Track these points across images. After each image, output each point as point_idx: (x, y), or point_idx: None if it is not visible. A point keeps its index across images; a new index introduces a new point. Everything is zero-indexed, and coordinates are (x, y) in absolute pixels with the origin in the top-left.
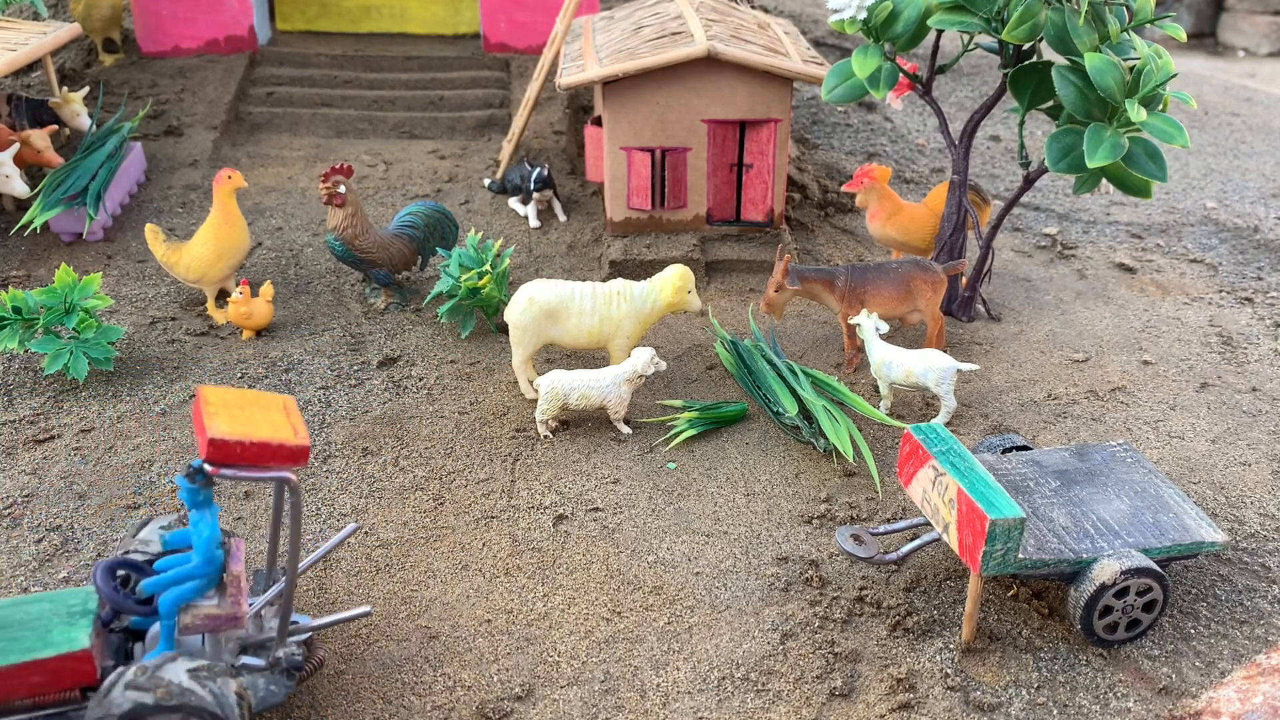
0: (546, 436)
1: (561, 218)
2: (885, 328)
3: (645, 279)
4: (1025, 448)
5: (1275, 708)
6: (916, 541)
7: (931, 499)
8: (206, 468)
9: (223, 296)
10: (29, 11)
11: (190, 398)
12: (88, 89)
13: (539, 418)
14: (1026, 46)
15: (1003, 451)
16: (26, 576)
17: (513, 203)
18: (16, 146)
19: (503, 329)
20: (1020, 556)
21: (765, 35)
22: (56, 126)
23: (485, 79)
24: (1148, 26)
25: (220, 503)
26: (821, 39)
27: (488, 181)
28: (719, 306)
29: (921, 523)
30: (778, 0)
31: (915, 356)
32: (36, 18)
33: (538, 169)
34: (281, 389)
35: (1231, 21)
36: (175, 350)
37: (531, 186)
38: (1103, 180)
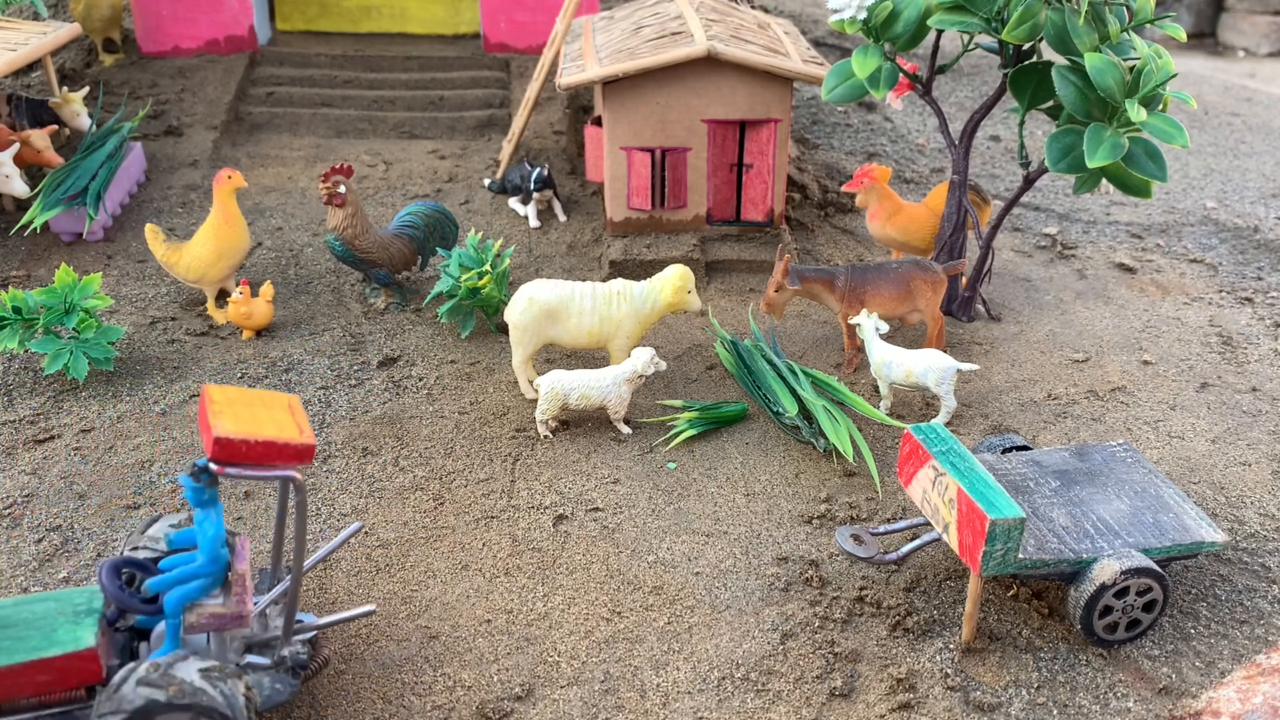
0: (546, 436)
1: (561, 218)
2: (885, 328)
3: (645, 279)
4: (1025, 448)
5: (1275, 708)
6: (916, 541)
7: (931, 499)
8: (212, 466)
9: (223, 296)
10: (29, 11)
11: (190, 397)
12: (88, 89)
13: (539, 418)
14: (1026, 46)
15: (1003, 451)
16: (26, 576)
17: (513, 203)
18: (16, 146)
19: (503, 329)
20: (1020, 556)
21: (765, 35)
22: (56, 126)
23: (485, 79)
24: (1148, 26)
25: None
26: (821, 39)
27: (488, 181)
28: (719, 306)
29: (921, 523)
30: (778, 0)
31: (915, 356)
32: (36, 18)
33: (538, 169)
34: (281, 389)
35: (1231, 21)
36: (175, 350)
37: (531, 186)
38: (1103, 180)
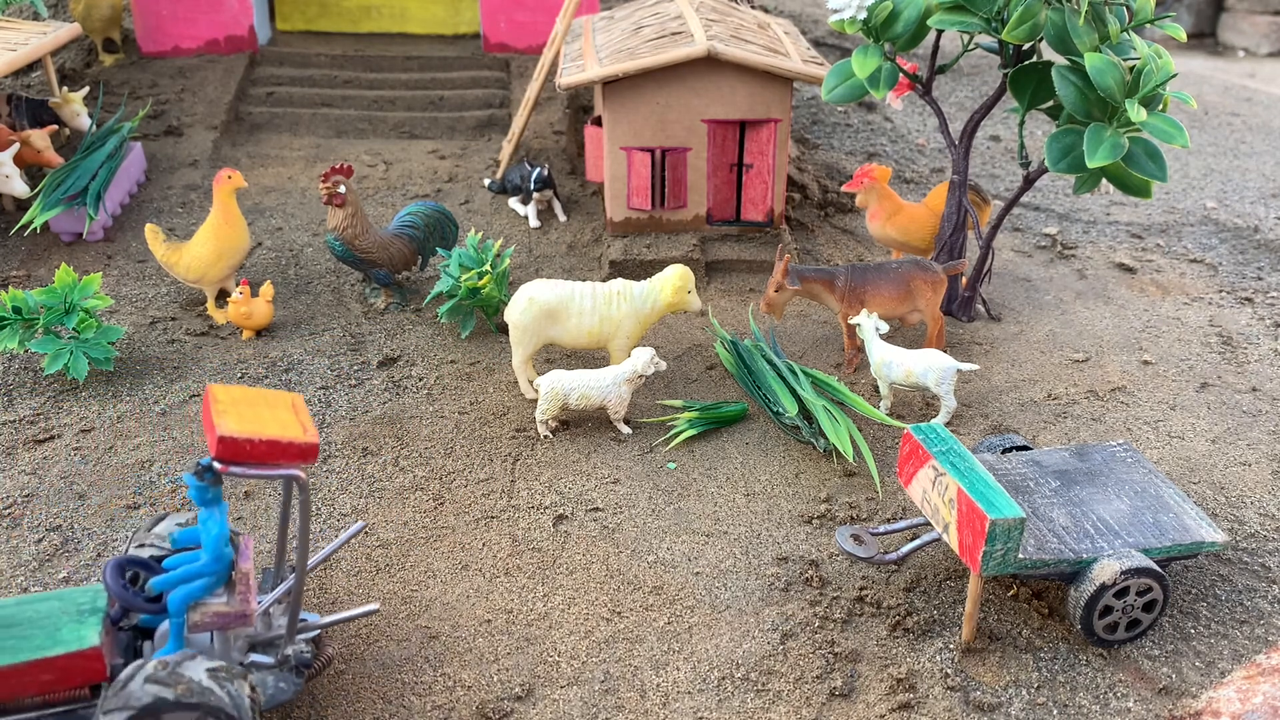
0: (546, 436)
1: (561, 218)
2: (885, 328)
3: (645, 279)
4: (1025, 448)
5: (1275, 708)
6: (916, 541)
7: (931, 499)
8: (216, 465)
9: (223, 296)
10: (29, 11)
11: (190, 397)
12: (88, 89)
13: (539, 418)
14: (1026, 46)
15: (1003, 451)
16: (26, 576)
17: (513, 203)
18: (16, 146)
19: (503, 329)
20: (1020, 556)
21: (765, 35)
22: (56, 126)
23: (485, 79)
24: (1148, 26)
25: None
26: (821, 39)
27: (488, 181)
28: (719, 306)
29: (921, 523)
30: (778, 0)
31: (915, 356)
32: (36, 18)
33: (538, 169)
34: (282, 389)
35: (1231, 21)
36: (175, 350)
37: (531, 186)
38: (1103, 180)
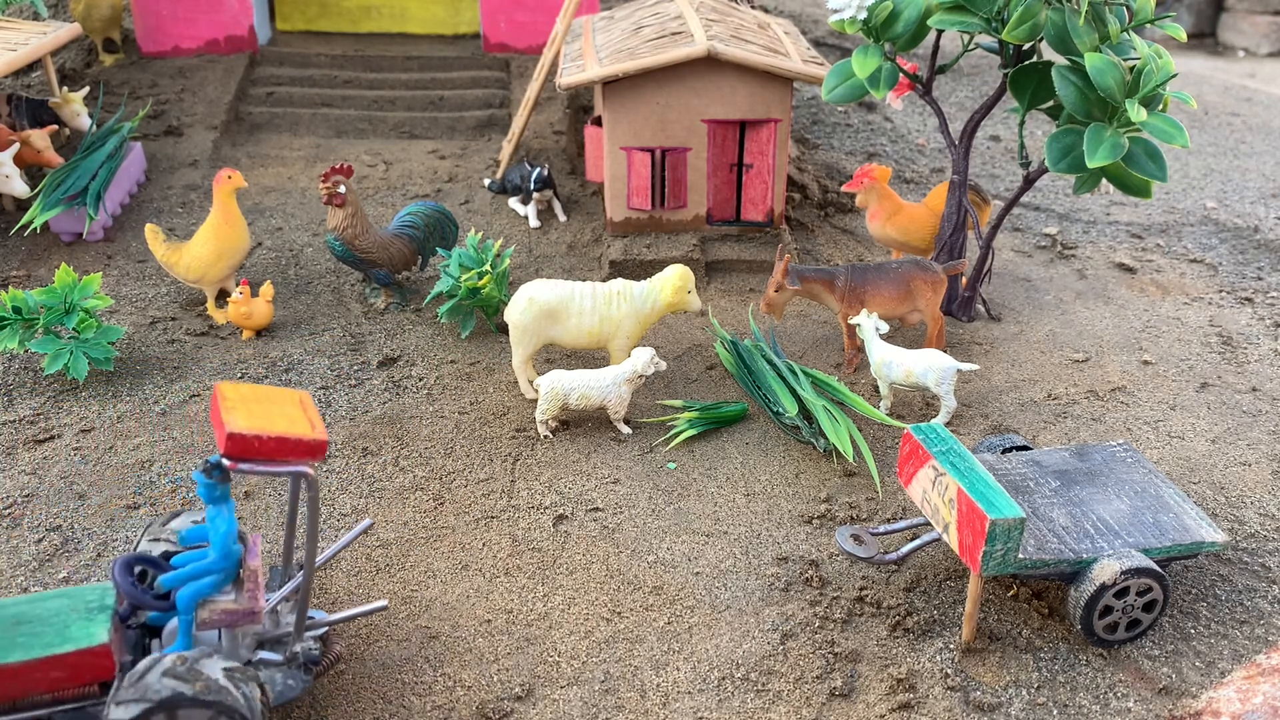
0: (546, 436)
1: (561, 218)
2: (885, 328)
3: (645, 279)
4: (1025, 448)
5: (1275, 708)
6: (916, 541)
7: (931, 499)
8: (224, 462)
9: (223, 296)
10: (29, 11)
11: (190, 397)
12: (88, 89)
13: (539, 418)
14: (1026, 46)
15: (1003, 451)
16: (26, 576)
17: (513, 203)
18: (16, 146)
19: (503, 329)
20: (1020, 556)
21: (765, 35)
22: (56, 126)
23: (485, 79)
24: (1148, 26)
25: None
26: (821, 39)
27: (488, 181)
28: (719, 306)
29: (921, 523)
30: (778, 0)
31: (915, 356)
32: (36, 18)
33: (538, 169)
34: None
35: (1231, 21)
36: (175, 350)
37: (531, 186)
38: (1103, 180)
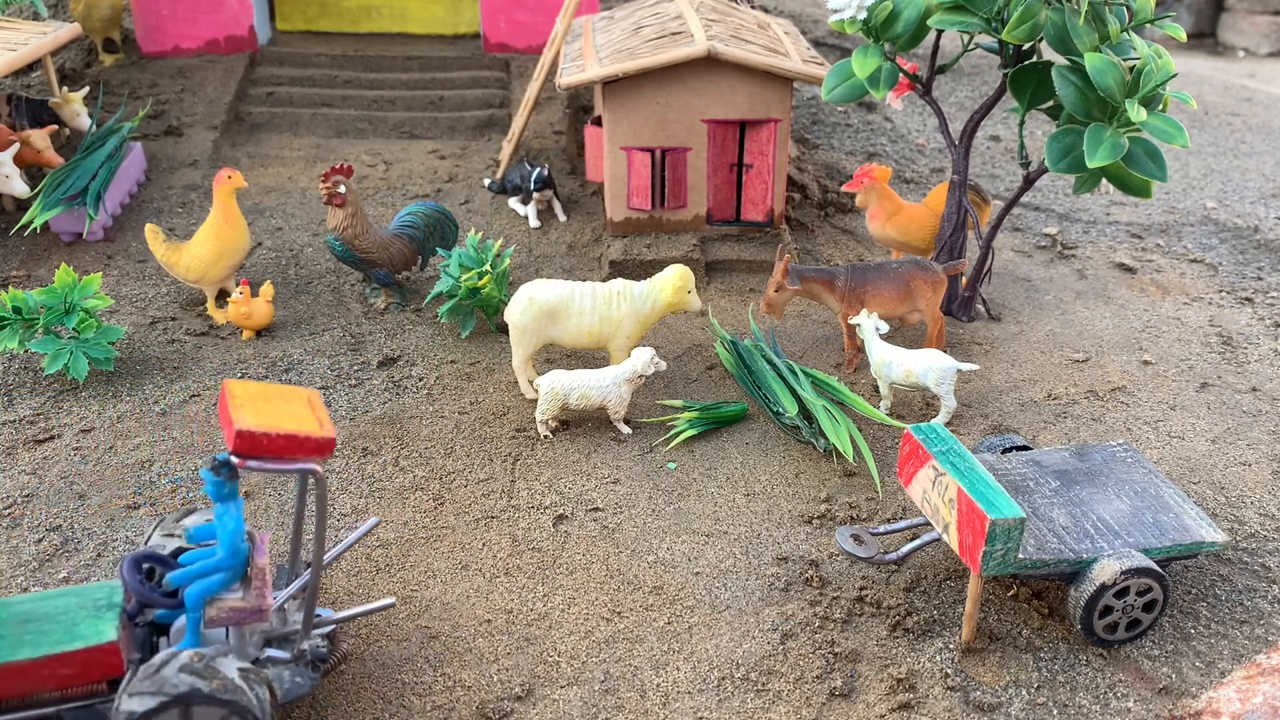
0: (546, 436)
1: (561, 218)
2: (885, 328)
3: (645, 279)
4: (1025, 448)
5: (1275, 708)
6: (916, 541)
7: (931, 499)
8: (233, 460)
9: (223, 296)
10: (29, 11)
11: (190, 398)
12: (88, 89)
13: (539, 418)
14: (1026, 46)
15: (1003, 451)
16: (26, 576)
17: (513, 203)
18: (16, 146)
19: (503, 329)
20: (1020, 556)
21: (765, 35)
22: (56, 126)
23: (485, 79)
24: (1148, 26)
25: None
26: (821, 39)
27: (488, 181)
28: (719, 306)
29: (921, 523)
30: (778, 0)
31: (915, 356)
32: (36, 18)
33: (538, 169)
34: None
35: (1231, 21)
36: (175, 350)
37: (531, 186)
38: (1103, 180)
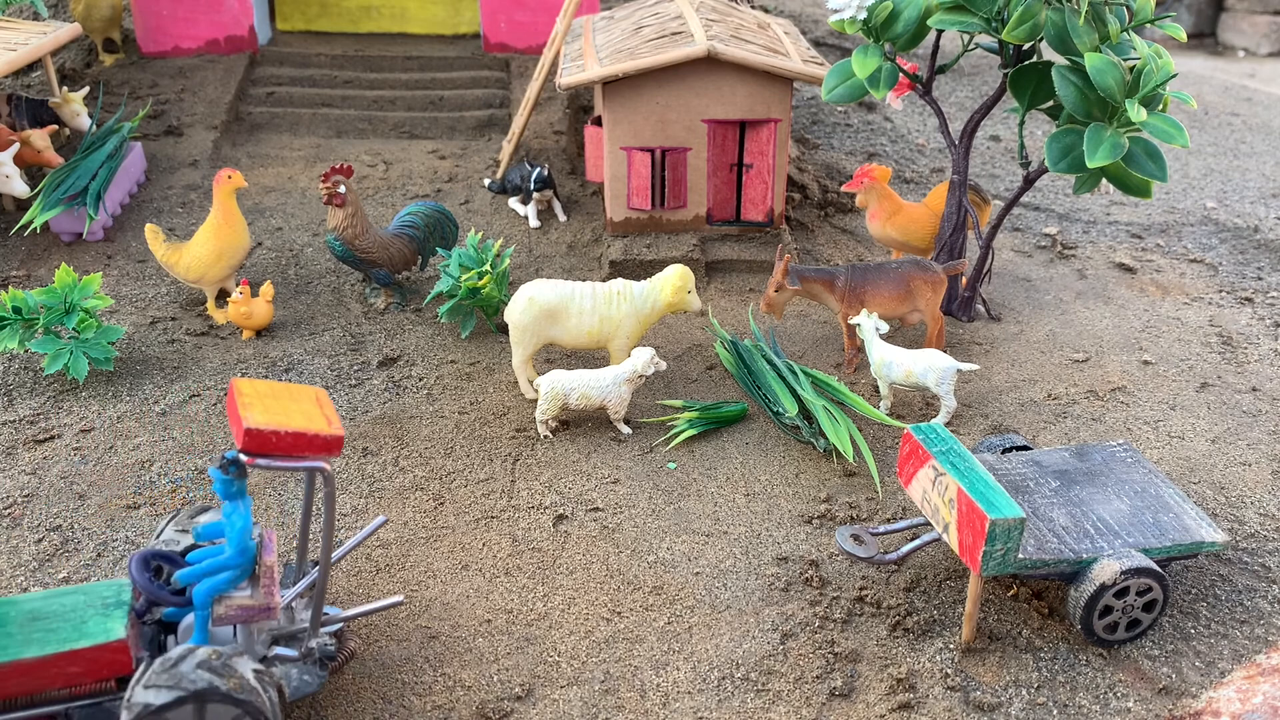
0: (546, 436)
1: (561, 218)
2: (885, 328)
3: (645, 279)
4: (1025, 448)
5: (1275, 708)
6: (916, 541)
7: (931, 499)
8: (241, 458)
9: (223, 296)
10: (29, 11)
11: (190, 398)
12: (88, 89)
13: (539, 418)
14: (1026, 46)
15: (1003, 451)
16: (26, 576)
17: (513, 203)
18: (16, 146)
19: (503, 329)
20: (1020, 556)
21: (765, 35)
22: (56, 126)
23: (485, 79)
24: (1148, 26)
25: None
26: (821, 39)
27: (488, 181)
28: (719, 306)
29: (921, 523)
30: (778, 0)
31: (915, 356)
32: (36, 18)
33: (538, 169)
34: None
35: (1231, 21)
36: (175, 350)
37: (531, 186)
38: (1103, 180)
